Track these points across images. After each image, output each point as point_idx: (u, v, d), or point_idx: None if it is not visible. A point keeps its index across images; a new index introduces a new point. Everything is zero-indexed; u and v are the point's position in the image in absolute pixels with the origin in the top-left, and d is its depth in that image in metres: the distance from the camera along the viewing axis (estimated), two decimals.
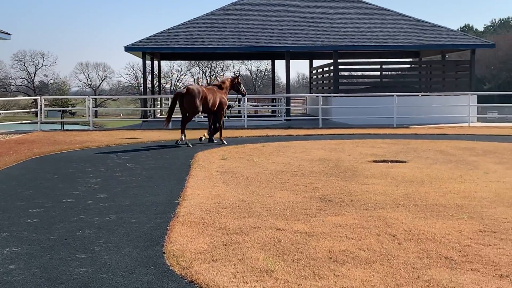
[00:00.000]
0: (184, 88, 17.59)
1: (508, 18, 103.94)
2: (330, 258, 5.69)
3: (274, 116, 31.55)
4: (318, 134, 20.53)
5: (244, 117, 24.98)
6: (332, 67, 29.22)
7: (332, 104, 27.54)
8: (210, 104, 17.25)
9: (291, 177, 10.74)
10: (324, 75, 33.14)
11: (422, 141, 17.30)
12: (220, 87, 18.06)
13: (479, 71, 73.43)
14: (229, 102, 18.97)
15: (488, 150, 14.87)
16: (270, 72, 54.82)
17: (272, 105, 36.07)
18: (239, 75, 19.64)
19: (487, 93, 37.78)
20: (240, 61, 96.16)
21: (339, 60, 28.55)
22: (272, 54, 34.89)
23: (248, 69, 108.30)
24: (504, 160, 12.84)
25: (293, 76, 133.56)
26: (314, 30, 28.79)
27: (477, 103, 27.65)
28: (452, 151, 14.64)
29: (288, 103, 28.87)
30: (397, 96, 25.15)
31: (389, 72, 32.39)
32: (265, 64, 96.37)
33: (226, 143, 17.20)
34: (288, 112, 28.55)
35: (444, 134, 20.40)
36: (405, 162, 12.85)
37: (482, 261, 5.57)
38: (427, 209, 7.89)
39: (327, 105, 27.66)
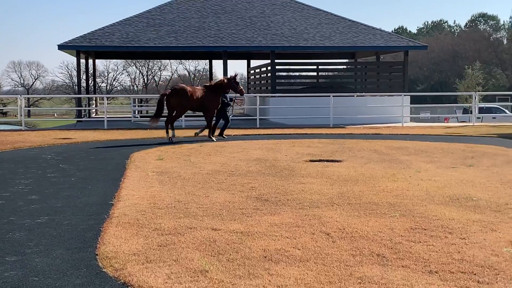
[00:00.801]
0: (172, 87, 18.48)
1: (441, 20, 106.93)
2: (265, 257, 5.71)
3: None
4: (256, 134, 20.61)
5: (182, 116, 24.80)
6: (269, 68, 29.38)
7: (269, 104, 27.70)
8: (198, 104, 18.07)
9: (228, 177, 10.73)
10: (262, 75, 33.30)
11: (357, 141, 17.60)
12: (213, 87, 18.64)
13: (412, 72, 75.27)
14: (230, 101, 19.56)
15: (420, 149, 15.24)
16: (208, 72, 54.61)
17: None
18: (236, 75, 19.85)
19: (420, 94, 38.78)
20: (177, 60, 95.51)
21: (276, 61, 28.73)
22: (209, 54, 34.83)
23: (186, 69, 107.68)
24: (435, 159, 13.18)
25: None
26: (252, 30, 28.89)
27: (410, 104, 28.32)
28: (386, 151, 14.94)
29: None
30: (333, 96, 25.49)
31: (326, 73, 32.82)
32: (203, 64, 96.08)
33: (215, 140, 17.99)
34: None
35: (379, 134, 20.81)
36: (340, 161, 13.04)
37: (412, 257, 5.70)
38: (361, 208, 8.02)
39: (264, 105, 27.79)
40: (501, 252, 5.84)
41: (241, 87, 19.44)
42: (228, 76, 19.33)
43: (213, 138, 18.30)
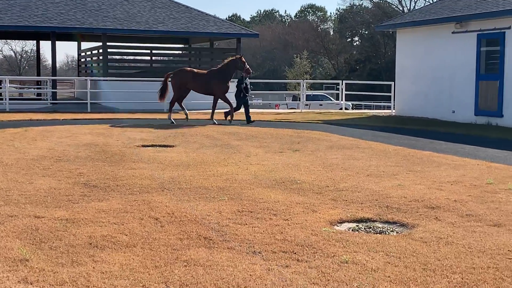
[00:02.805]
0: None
1: (272, 9, 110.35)
2: (91, 244, 5.59)
3: (40, 99, 30.09)
4: (86, 119, 20.02)
5: (5, 100, 23.49)
6: (101, 50, 28.60)
7: (101, 88, 26.99)
8: (203, 87, 18.96)
9: (55, 163, 10.34)
10: (93, 58, 32.34)
11: (190, 126, 17.70)
12: (219, 70, 18.98)
13: (246, 59, 77.04)
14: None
15: (251, 135, 15.66)
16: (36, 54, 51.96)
17: (37, 88, 34.35)
18: (242, 55, 19.85)
19: (253, 81, 39.67)
20: (2, 40, 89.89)
21: (108, 43, 28.02)
22: (37, 34, 33.18)
23: (12, 49, 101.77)
24: (264, 144, 13.61)
25: (61, 58, 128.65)
26: (82, 11, 27.90)
27: None
28: (218, 136, 15.18)
29: (54, 86, 27.71)
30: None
31: (160, 57, 32.56)
32: (31, 45, 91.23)
33: (216, 123, 18.72)
34: (54, 95, 27.44)
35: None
36: (173, 146, 13.06)
37: (238, 239, 5.86)
38: (191, 192, 8.09)
39: (96, 89, 27.03)
40: (320, 232, 6.17)
41: (248, 66, 19.42)
42: (234, 57, 19.37)
43: (215, 121, 18.85)
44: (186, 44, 35.59)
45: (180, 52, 35.00)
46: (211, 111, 19.64)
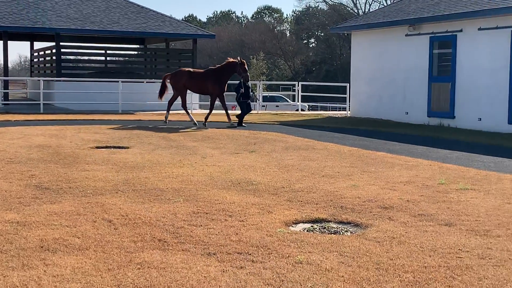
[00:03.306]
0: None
1: (229, 10, 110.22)
2: (42, 247, 5.49)
3: None
4: (39, 120, 19.66)
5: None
6: (54, 50, 28.15)
7: (54, 89, 26.57)
8: (199, 87, 18.96)
9: (6, 164, 10.12)
10: (46, 58, 31.81)
11: (146, 127, 17.56)
12: (216, 70, 18.71)
13: (202, 61, 76.75)
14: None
15: (207, 136, 15.62)
16: None
17: None
18: (244, 61, 19.23)
19: None
20: None
21: (62, 44, 27.59)
22: None
23: None
24: (220, 145, 13.59)
25: (14, 58, 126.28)
26: (35, 11, 27.40)
27: None
28: (174, 137, 15.10)
29: (6, 87, 27.16)
30: (122, 82, 25.12)
31: (116, 58, 32.22)
32: None
33: (206, 127, 18.06)
34: (6, 96, 26.90)
35: (168, 120, 20.89)
36: (128, 148, 12.93)
37: (193, 241, 5.84)
38: (146, 194, 8.02)
39: (49, 90, 26.59)
40: (275, 233, 6.19)
41: (247, 74, 18.95)
42: (236, 60, 18.75)
43: (205, 125, 18.39)
44: (142, 45, 35.30)
45: (136, 52, 34.71)
46: (207, 112, 19.37)
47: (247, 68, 19.05)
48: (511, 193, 8.29)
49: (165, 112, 19.55)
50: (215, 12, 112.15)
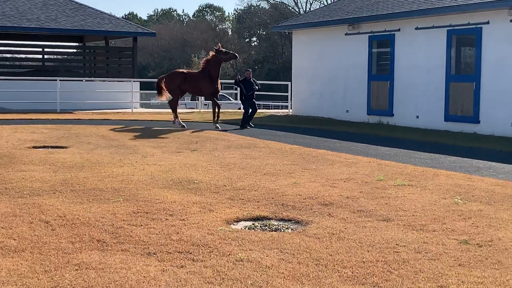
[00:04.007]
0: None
1: (170, 8, 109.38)
2: None
3: None
4: None
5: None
6: None
7: None
8: (193, 88, 18.36)
9: None
10: None
11: (85, 126, 17.26)
12: (203, 69, 17.96)
13: (143, 59, 76.02)
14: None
15: (148, 135, 15.50)
16: None
17: None
18: (219, 46, 18.39)
19: (151, 80, 39.12)
20: None
21: None
22: None
23: None
24: (162, 144, 13.48)
25: None
26: None
27: (141, 90, 28.55)
28: (114, 136, 14.89)
29: None
30: (60, 80, 24.61)
31: (54, 56, 31.55)
32: None
33: (219, 128, 17.36)
34: None
35: (107, 119, 20.64)
36: (66, 147, 12.69)
37: (132, 241, 5.77)
38: (85, 194, 7.89)
39: None
40: (217, 231, 6.18)
41: (231, 52, 18.45)
42: (213, 53, 18.00)
43: (218, 126, 17.60)
44: (81, 43, 34.65)
45: (74, 50, 34.03)
46: (212, 114, 18.29)
47: (223, 49, 18.34)
48: (447, 189, 8.52)
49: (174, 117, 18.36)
50: (156, 10, 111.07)
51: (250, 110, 18.63)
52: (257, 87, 18.55)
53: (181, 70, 19.25)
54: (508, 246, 5.74)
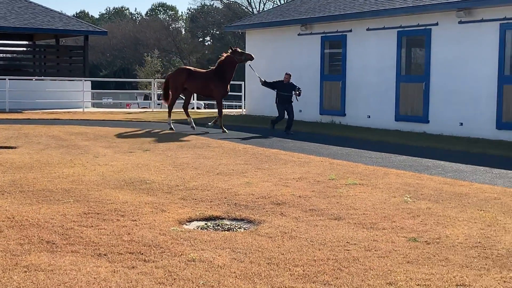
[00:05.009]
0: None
1: (122, 7, 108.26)
2: None
3: None
4: None
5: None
6: None
7: None
8: (201, 88, 17.30)
9: None
10: None
11: (35, 126, 16.95)
12: (216, 70, 16.91)
13: (95, 58, 74.97)
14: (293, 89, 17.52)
15: (100, 134, 15.28)
16: None
17: None
18: (236, 47, 17.77)
19: (102, 80, 38.84)
20: None
21: None
22: None
23: None
24: (113, 145, 13.34)
25: None
26: None
27: (92, 89, 28.17)
28: (65, 136, 14.67)
29: None
30: (9, 79, 24.12)
31: (3, 55, 30.83)
32: None
33: (226, 132, 16.60)
34: None
35: (58, 119, 20.32)
36: (15, 148, 12.45)
37: (83, 242, 5.70)
38: (34, 195, 7.76)
39: None
40: (169, 231, 6.16)
41: (247, 53, 17.80)
42: (229, 54, 17.04)
43: (225, 130, 16.74)
44: (30, 41, 33.99)
45: (24, 49, 33.34)
46: (217, 116, 17.51)
47: (239, 50, 17.52)
48: (397, 187, 8.67)
49: (188, 118, 17.62)
50: (108, 9, 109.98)
51: (286, 116, 17.53)
52: (298, 91, 17.54)
53: (186, 67, 18.20)
54: (455, 243, 5.87)
